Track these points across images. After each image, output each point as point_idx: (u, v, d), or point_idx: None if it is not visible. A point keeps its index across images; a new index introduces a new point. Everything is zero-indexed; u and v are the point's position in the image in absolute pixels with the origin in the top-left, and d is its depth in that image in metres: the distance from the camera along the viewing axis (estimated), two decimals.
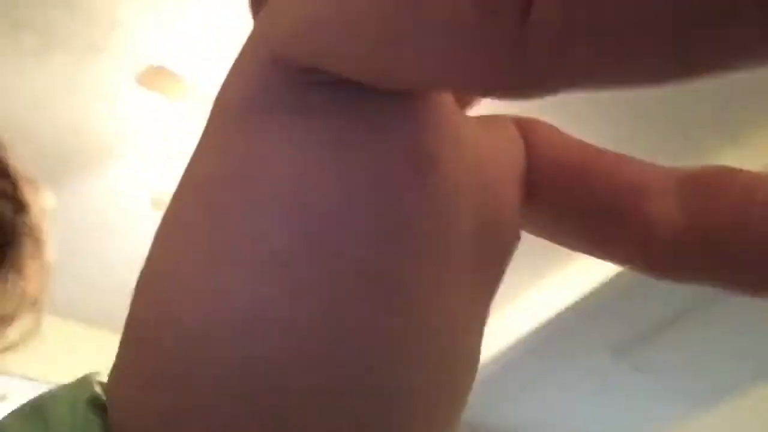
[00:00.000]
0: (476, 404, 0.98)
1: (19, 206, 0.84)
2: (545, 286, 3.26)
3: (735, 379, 3.55)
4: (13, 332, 0.84)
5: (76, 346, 3.09)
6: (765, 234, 0.39)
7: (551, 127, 0.45)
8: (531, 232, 0.50)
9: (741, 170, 0.42)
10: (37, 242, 0.85)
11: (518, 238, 0.45)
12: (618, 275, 2.75)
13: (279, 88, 0.34)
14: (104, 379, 0.38)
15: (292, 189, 0.33)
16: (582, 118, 2.07)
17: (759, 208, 0.39)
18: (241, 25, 2.11)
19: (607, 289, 2.87)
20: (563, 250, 0.53)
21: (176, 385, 0.32)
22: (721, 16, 0.22)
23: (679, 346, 3.29)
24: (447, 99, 0.35)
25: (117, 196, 2.74)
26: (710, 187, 0.42)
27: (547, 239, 0.50)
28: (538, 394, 3.63)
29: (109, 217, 2.83)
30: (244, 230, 0.33)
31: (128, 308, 0.35)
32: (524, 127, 0.44)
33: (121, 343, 0.35)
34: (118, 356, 0.35)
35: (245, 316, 0.32)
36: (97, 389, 0.36)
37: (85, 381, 0.37)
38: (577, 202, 0.46)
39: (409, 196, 0.34)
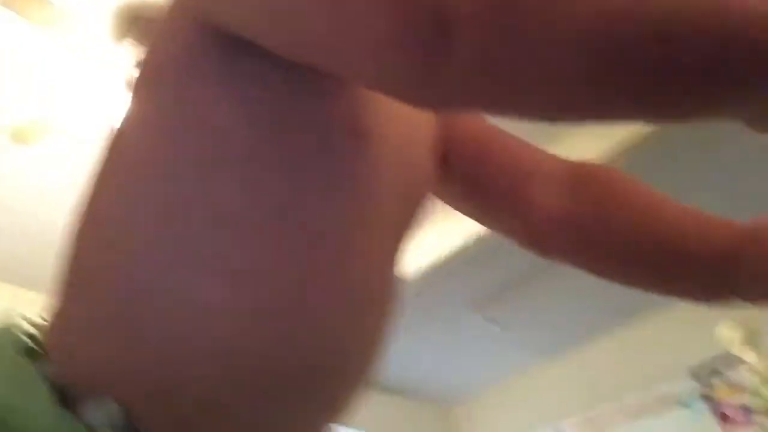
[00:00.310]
0: None
1: None
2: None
3: (577, 332, 3.90)
4: None
5: None
6: (635, 241, 0.45)
7: None
8: (438, 196, 0.54)
9: (629, 176, 0.49)
10: None
11: (431, 199, 0.49)
12: (477, 238, 2.92)
13: (211, 50, 0.34)
14: (24, 324, 0.37)
15: (240, 150, 0.34)
16: None
17: (636, 213, 0.46)
18: None
19: (466, 250, 3.04)
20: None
21: (126, 336, 0.33)
22: (607, 84, 0.26)
23: (529, 302, 3.56)
24: None
25: None
26: (599, 182, 0.49)
27: (451, 206, 0.54)
28: (399, 346, 3.80)
29: None
30: (195, 187, 0.33)
31: (70, 252, 0.35)
32: None
33: (66, 292, 0.35)
34: (64, 306, 0.35)
35: (194, 265, 0.33)
36: (23, 337, 0.35)
37: (4, 329, 0.36)
38: (480, 176, 0.51)
39: (351, 159, 0.37)
